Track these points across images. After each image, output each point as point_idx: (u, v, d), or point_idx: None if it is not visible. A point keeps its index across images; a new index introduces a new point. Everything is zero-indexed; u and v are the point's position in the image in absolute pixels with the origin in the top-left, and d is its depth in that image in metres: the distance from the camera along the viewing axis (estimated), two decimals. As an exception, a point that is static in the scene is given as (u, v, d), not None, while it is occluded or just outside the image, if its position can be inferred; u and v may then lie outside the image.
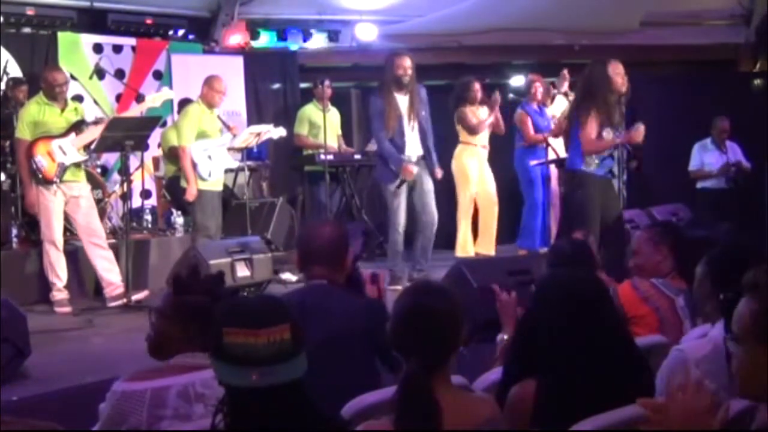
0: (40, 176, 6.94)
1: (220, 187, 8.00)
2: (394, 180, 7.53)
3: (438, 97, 8.48)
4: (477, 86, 8.79)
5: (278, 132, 8.90)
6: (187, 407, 2.66)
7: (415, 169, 7.49)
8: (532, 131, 8.85)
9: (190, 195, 7.71)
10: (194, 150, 7.71)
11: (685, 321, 3.91)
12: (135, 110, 7.96)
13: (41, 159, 6.94)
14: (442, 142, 8.24)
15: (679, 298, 3.96)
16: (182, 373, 2.71)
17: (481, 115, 8.73)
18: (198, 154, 7.72)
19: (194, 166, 7.69)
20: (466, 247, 8.70)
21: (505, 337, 3.57)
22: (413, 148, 7.60)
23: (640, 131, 6.59)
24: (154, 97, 7.72)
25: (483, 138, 8.69)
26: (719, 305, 2.84)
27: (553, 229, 8.72)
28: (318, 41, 11.08)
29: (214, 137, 7.89)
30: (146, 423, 2.63)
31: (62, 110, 7.11)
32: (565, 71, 9.02)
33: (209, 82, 7.91)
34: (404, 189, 7.56)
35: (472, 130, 8.65)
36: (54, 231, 6.97)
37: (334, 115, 9.80)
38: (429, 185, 7.67)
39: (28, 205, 7.15)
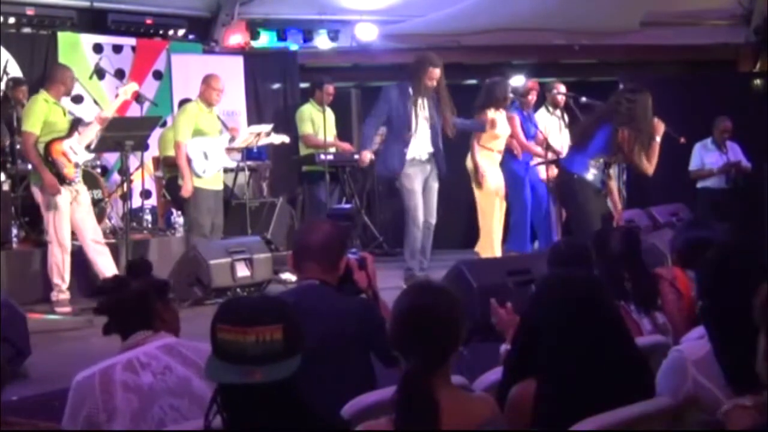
0: (61, 177, 6.92)
1: (217, 187, 7.98)
2: (400, 166, 7.57)
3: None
4: (509, 88, 8.74)
5: (280, 138, 8.88)
6: (134, 378, 2.75)
7: (367, 158, 7.79)
8: (521, 134, 8.77)
9: (186, 191, 7.70)
10: (190, 146, 7.71)
11: (641, 321, 3.94)
12: (110, 108, 7.53)
13: (60, 160, 6.94)
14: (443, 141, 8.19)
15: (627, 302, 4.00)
16: (126, 351, 2.86)
17: (501, 118, 8.63)
18: (194, 150, 7.72)
19: (189, 161, 7.69)
20: (493, 248, 8.50)
21: (509, 347, 3.56)
22: (423, 145, 7.64)
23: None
24: (125, 90, 7.63)
25: (501, 143, 8.59)
26: (699, 312, 2.85)
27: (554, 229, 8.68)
28: (318, 41, 11.09)
29: (213, 136, 7.90)
30: (101, 401, 2.71)
31: (64, 112, 7.14)
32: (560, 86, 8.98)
33: (207, 80, 7.93)
34: (420, 185, 7.60)
35: (495, 136, 8.52)
36: (63, 232, 6.95)
37: (330, 116, 9.81)
38: (435, 184, 7.70)
39: (49, 186, 6.91)
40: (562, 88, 8.86)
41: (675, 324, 4.00)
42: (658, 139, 6.93)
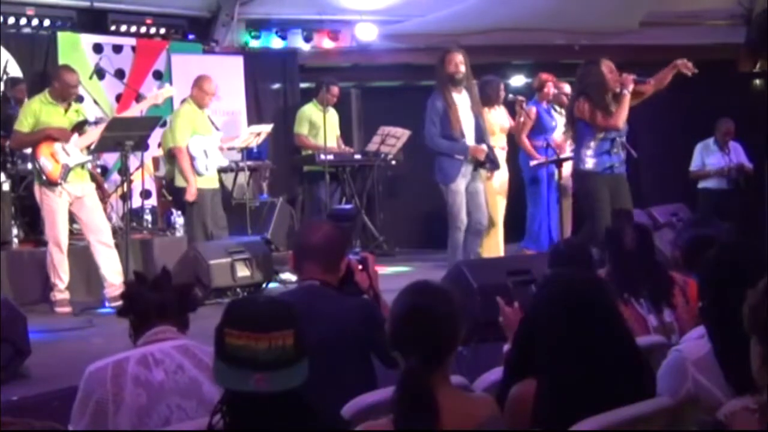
0: (45, 178, 6.90)
1: (215, 186, 8.08)
2: (457, 176, 7.31)
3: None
4: (503, 87, 8.70)
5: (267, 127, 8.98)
6: (147, 373, 2.75)
7: (484, 146, 7.43)
8: (525, 132, 8.72)
9: (191, 195, 7.74)
10: (192, 145, 7.77)
11: (647, 317, 3.94)
12: (135, 109, 7.96)
13: (45, 161, 6.90)
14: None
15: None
16: (143, 346, 2.85)
17: (497, 115, 8.61)
18: (196, 149, 7.80)
19: (192, 160, 7.75)
20: (494, 248, 8.45)
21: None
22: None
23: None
24: (157, 95, 7.72)
25: (500, 140, 8.55)
26: (699, 312, 2.85)
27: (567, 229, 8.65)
28: (318, 41, 11.09)
29: (207, 135, 7.98)
30: (111, 393, 2.71)
31: (65, 111, 7.07)
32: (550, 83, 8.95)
33: (199, 83, 7.97)
34: (464, 186, 7.37)
35: (491, 131, 8.45)
36: (58, 232, 6.94)
37: (332, 116, 9.80)
38: (480, 185, 7.51)
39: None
40: (567, 88, 8.82)
41: (684, 328, 4.00)
42: (627, 92, 6.86)
